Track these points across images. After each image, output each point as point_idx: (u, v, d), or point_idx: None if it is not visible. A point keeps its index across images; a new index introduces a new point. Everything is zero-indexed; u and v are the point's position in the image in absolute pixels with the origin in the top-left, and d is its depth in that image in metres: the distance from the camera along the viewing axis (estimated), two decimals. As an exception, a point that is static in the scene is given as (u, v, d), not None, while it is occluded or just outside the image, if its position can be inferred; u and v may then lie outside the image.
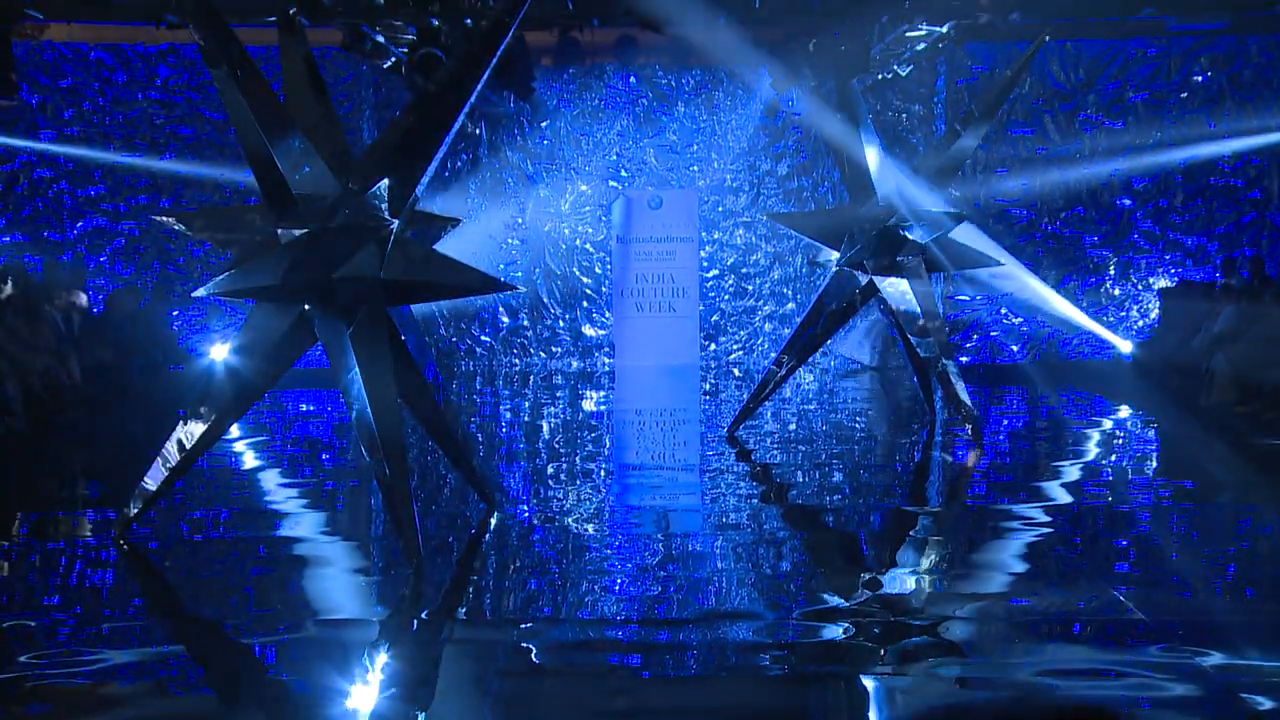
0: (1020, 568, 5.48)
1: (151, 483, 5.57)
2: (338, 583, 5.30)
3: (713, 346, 15.15)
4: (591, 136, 15.08)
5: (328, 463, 8.74)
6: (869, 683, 3.95)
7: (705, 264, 15.23)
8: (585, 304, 15.23)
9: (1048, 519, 6.36)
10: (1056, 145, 14.29)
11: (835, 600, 4.96)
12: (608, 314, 15.23)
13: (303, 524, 6.43)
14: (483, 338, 15.23)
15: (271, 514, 6.70)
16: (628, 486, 7.66)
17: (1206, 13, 12.77)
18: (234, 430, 8.19)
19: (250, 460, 8.40)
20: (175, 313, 13.92)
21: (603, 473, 8.15)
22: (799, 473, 8.05)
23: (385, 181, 5.28)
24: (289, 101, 5.42)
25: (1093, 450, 8.75)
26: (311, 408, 11.55)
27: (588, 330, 15.27)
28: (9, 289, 10.26)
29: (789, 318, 14.83)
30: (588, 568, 5.47)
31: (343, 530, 6.34)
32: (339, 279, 5.23)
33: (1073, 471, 7.79)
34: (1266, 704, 3.70)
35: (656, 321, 15.02)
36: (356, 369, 5.22)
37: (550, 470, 8.18)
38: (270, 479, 7.71)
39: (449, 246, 5.69)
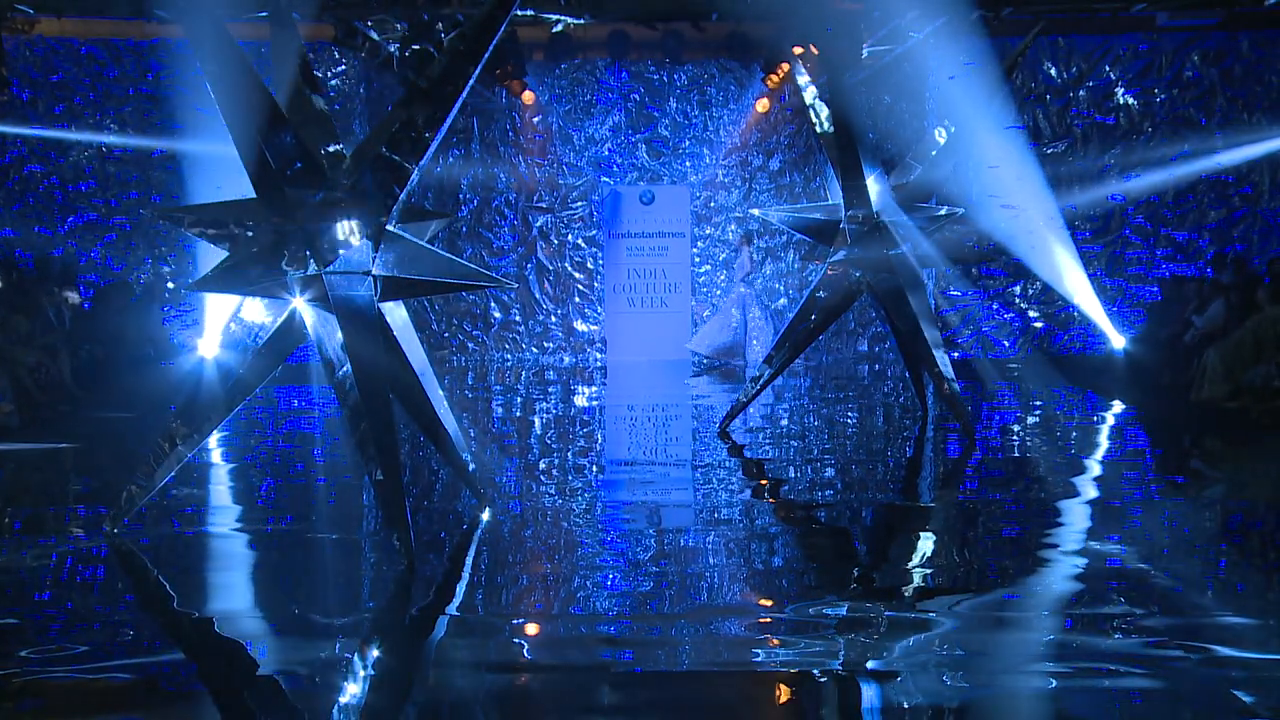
0: (1013, 562, 5.51)
1: (143, 478, 5.56)
2: (330, 579, 5.30)
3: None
4: (583, 131, 15.08)
5: (319, 459, 8.73)
6: (861, 677, 3.96)
7: (697, 259, 15.24)
8: (577, 299, 15.24)
9: (1041, 514, 6.38)
10: (1048, 141, 14.32)
11: (827, 595, 4.97)
12: (599, 309, 15.24)
13: (294, 520, 6.42)
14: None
15: (263, 510, 6.70)
16: (619, 482, 7.67)
17: (1197, 8, 12.80)
18: (225, 426, 8.18)
19: (241, 456, 8.39)
20: (167, 308, 13.90)
21: (594, 468, 8.15)
22: (790, 468, 8.06)
23: (377, 177, 5.27)
24: (280, 96, 5.40)
25: (1083, 445, 8.77)
26: (301, 403, 11.53)
27: (579, 325, 15.27)
28: (-1, 284, 10.24)
29: (781, 313, 14.84)
30: (580, 563, 5.47)
31: (335, 526, 6.33)
32: (331, 274, 5.22)
33: (1064, 466, 7.80)
34: (1257, 699, 3.71)
35: (648, 316, 15.03)
36: (348, 364, 5.21)
37: (542, 466, 8.19)
38: (261, 475, 7.70)
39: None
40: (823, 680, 3.95)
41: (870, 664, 4.07)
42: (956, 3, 10.83)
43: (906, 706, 3.73)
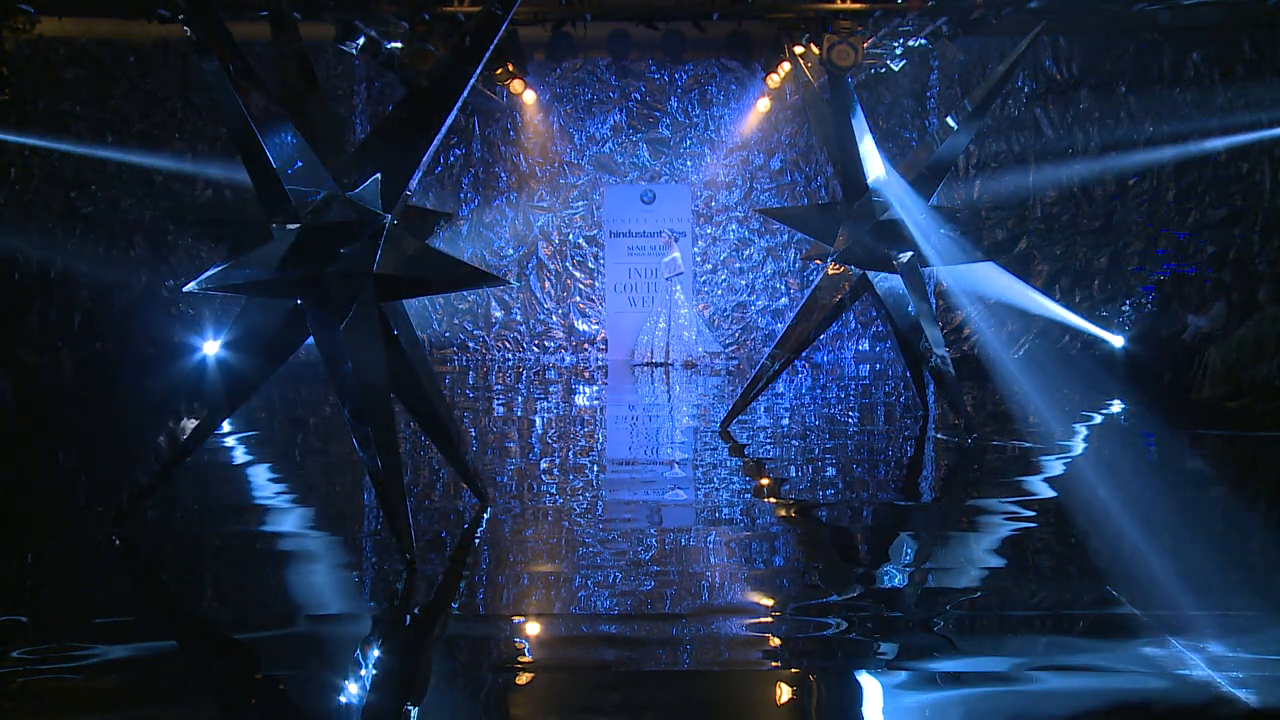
0: (1013, 562, 5.51)
1: (144, 478, 5.57)
2: (331, 578, 5.30)
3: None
4: (585, 131, 15.09)
5: (320, 457, 8.73)
6: (861, 677, 3.96)
7: (698, 258, 15.24)
8: (578, 298, 15.25)
9: (1042, 514, 6.38)
10: (1050, 140, 14.32)
11: (829, 595, 4.97)
12: (600, 308, 15.24)
13: (296, 519, 6.42)
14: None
15: (264, 509, 6.70)
16: (620, 481, 7.67)
17: (1199, 7, 12.77)
18: (226, 424, 8.17)
19: (243, 455, 8.39)
20: (168, 308, 13.88)
21: (595, 467, 8.15)
22: (792, 468, 8.07)
23: (378, 176, 5.27)
24: (281, 96, 5.41)
25: (1084, 444, 8.75)
26: (301, 401, 11.54)
27: (580, 325, 15.27)
28: None
29: (782, 312, 14.85)
30: (581, 562, 5.47)
31: (336, 525, 6.33)
32: (332, 274, 5.22)
33: (1065, 465, 7.80)
34: (1257, 699, 3.71)
35: (649, 316, 15.00)
36: (349, 364, 5.22)
37: (543, 465, 8.19)
38: (263, 473, 7.70)
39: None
40: (823, 680, 3.96)
41: (870, 664, 4.08)
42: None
43: (906, 706, 3.73)
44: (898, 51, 12.47)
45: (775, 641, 4.39)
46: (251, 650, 4.39)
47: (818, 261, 9.35)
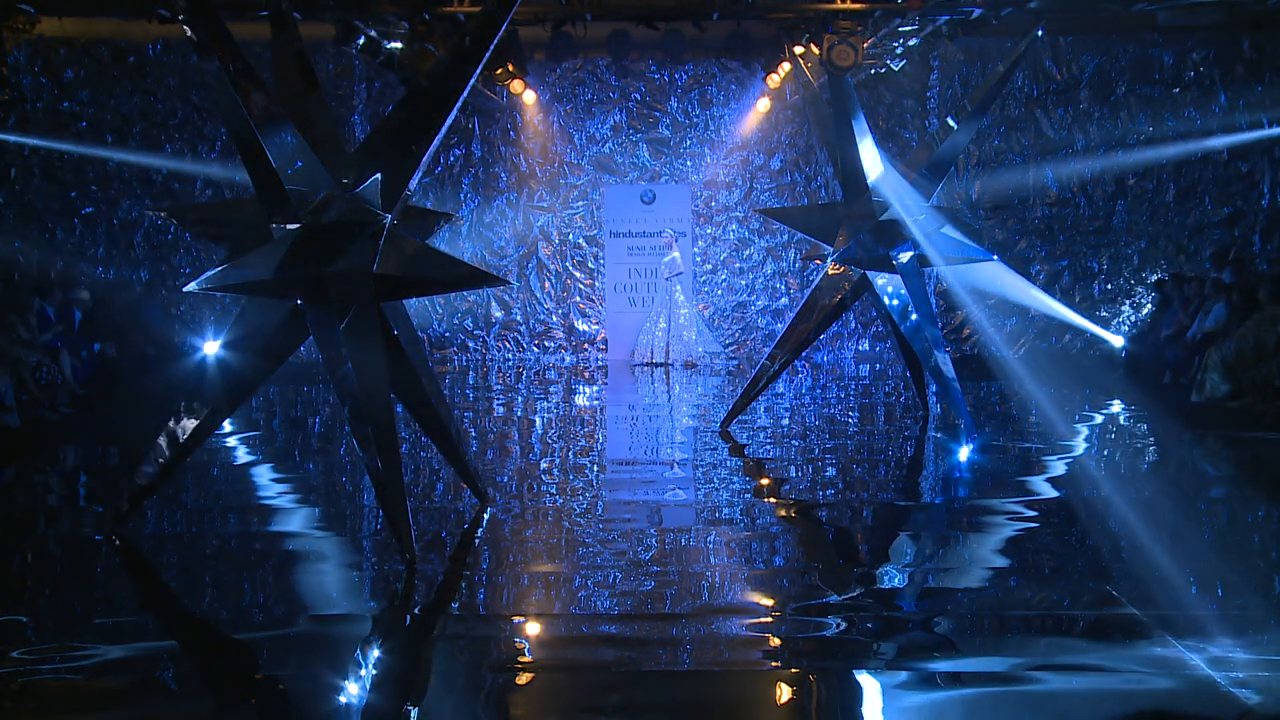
0: (1014, 562, 5.51)
1: (144, 478, 5.56)
2: (331, 578, 5.30)
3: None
4: (585, 131, 15.08)
5: (320, 457, 8.73)
6: (861, 677, 3.96)
7: (698, 258, 15.24)
8: (578, 298, 15.25)
9: (1042, 514, 6.37)
10: (1050, 140, 14.33)
11: (829, 595, 4.97)
12: (600, 308, 15.24)
13: (296, 519, 6.42)
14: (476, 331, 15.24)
15: (264, 509, 6.69)
16: (620, 481, 7.66)
17: (1199, 7, 12.78)
18: (226, 424, 8.17)
19: (243, 455, 8.39)
20: (169, 308, 13.88)
21: (595, 467, 8.15)
22: (792, 468, 8.07)
23: (378, 176, 5.27)
24: (281, 96, 5.41)
25: (1085, 445, 8.76)
26: (301, 400, 11.53)
27: (580, 325, 15.27)
28: None
29: (782, 312, 14.84)
30: (581, 562, 5.47)
31: (336, 526, 6.33)
32: (332, 274, 5.22)
33: (1066, 466, 7.80)
34: (1257, 699, 3.71)
35: (649, 316, 14.99)
36: (349, 364, 5.22)
37: (543, 465, 8.19)
38: (263, 473, 7.70)
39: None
40: (823, 680, 3.96)
41: (870, 664, 4.08)
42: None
43: (906, 706, 3.73)
44: (898, 51, 12.47)
45: (775, 641, 4.39)
46: (251, 650, 4.39)
47: (818, 261, 9.35)
